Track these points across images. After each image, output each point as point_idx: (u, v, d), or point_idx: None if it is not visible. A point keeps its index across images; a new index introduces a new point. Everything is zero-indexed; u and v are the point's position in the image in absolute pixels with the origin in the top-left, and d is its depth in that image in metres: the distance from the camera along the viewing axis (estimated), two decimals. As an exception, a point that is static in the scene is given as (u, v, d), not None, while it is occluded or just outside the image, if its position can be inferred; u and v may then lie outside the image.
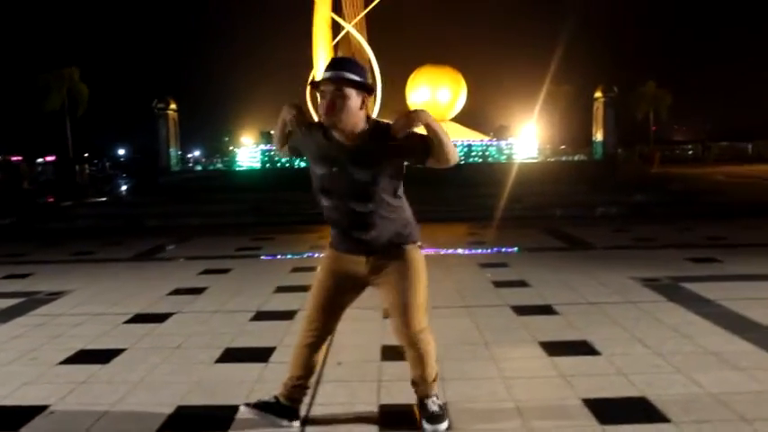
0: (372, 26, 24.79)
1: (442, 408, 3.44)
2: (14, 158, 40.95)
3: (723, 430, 3.30)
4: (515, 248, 9.70)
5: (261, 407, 3.44)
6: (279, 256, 9.68)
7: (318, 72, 23.33)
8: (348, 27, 24.10)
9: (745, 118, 68.79)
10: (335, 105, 3.08)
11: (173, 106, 18.02)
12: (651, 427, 3.38)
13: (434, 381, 3.46)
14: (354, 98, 3.10)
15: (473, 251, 9.62)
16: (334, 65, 3.17)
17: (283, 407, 3.44)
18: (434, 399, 3.44)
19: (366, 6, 23.98)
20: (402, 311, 3.29)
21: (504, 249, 9.64)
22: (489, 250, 9.63)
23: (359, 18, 24.12)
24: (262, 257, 9.68)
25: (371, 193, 3.18)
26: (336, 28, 24.24)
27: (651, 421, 3.43)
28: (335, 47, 24.29)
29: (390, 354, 4.52)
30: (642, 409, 3.59)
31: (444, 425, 3.35)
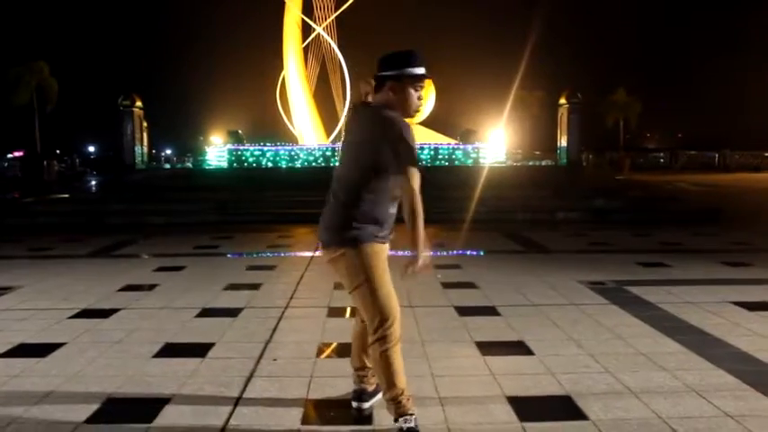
0: (342, 29, 24.86)
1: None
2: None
3: (637, 427, 3.40)
4: (471, 251, 9.81)
5: None
6: (235, 255, 9.70)
7: (290, 71, 23.34)
8: (318, 29, 24.16)
9: (714, 128, 70.00)
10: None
11: (138, 104, 17.92)
12: (569, 424, 3.46)
13: None
14: None
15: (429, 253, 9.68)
16: (417, 59, 3.30)
17: None
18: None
19: (337, 9, 24.05)
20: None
21: (459, 252, 9.74)
22: (445, 252, 9.72)
23: (329, 20, 24.19)
24: (218, 256, 9.68)
25: None
26: (307, 30, 24.30)
27: (570, 419, 3.52)
28: (306, 48, 24.34)
29: (327, 351, 4.60)
30: (564, 407, 3.68)
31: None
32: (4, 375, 4.24)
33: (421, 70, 3.28)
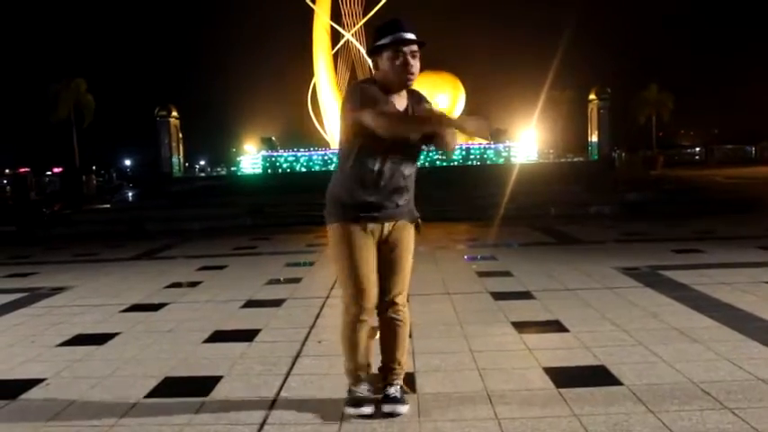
0: (371, 35, 25.14)
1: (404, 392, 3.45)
2: (22, 170, 41.33)
3: (670, 390, 3.53)
4: (505, 244, 9.94)
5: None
6: (273, 254, 9.94)
7: (321, 77, 23.64)
8: (347, 35, 24.47)
9: (751, 122, 68.81)
10: (417, 67, 3.13)
11: (174, 114, 18.35)
12: (604, 389, 3.60)
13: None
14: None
15: (463, 246, 9.86)
16: (404, 26, 3.14)
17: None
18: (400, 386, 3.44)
19: (365, 15, 24.35)
20: (402, 282, 3.38)
21: (493, 245, 9.87)
22: (479, 246, 9.87)
23: (358, 27, 24.49)
24: (257, 255, 9.94)
25: (416, 159, 3.27)
26: (336, 36, 24.62)
27: (605, 384, 3.67)
28: (335, 55, 24.66)
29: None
30: (599, 376, 3.83)
31: (405, 407, 3.35)
32: (67, 360, 4.51)
33: (387, 39, 3.12)
